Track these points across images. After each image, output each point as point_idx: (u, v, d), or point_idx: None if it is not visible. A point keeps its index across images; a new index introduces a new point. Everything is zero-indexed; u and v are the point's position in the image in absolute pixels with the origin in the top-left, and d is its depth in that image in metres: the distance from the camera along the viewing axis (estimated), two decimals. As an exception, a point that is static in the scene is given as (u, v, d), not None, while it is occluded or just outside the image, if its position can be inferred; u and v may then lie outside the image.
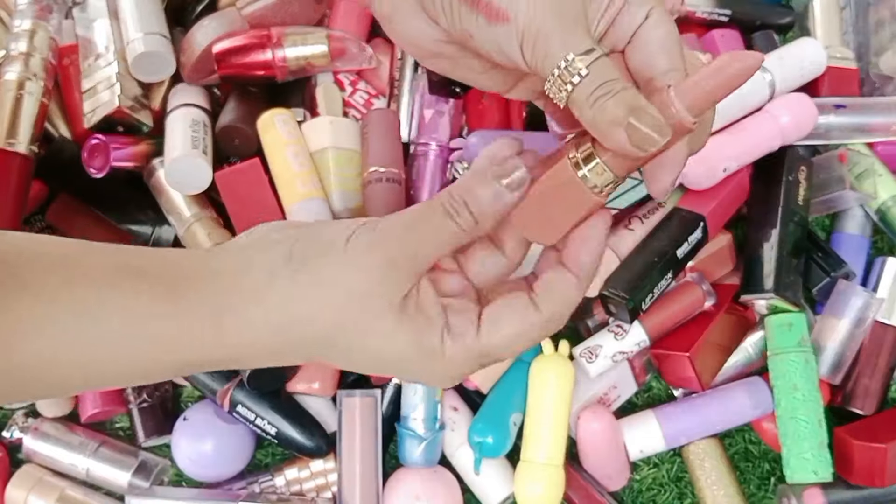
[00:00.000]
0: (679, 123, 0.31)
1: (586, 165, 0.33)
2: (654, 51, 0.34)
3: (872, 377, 0.74)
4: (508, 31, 0.33)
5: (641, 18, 0.34)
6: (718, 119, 0.72)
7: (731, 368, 0.76)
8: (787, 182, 0.74)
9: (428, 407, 0.71)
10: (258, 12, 0.73)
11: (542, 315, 0.34)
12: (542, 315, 0.34)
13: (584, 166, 0.33)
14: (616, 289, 0.68)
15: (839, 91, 0.78)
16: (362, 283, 0.33)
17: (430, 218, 0.34)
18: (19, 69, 0.69)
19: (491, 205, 0.33)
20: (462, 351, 0.34)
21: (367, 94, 0.77)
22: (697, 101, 0.31)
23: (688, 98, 0.31)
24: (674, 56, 0.34)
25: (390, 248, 0.33)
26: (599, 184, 0.33)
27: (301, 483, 0.73)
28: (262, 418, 0.71)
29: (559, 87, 0.32)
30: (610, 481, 0.74)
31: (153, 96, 0.74)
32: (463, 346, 0.34)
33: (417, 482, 0.71)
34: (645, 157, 0.32)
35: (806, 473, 0.70)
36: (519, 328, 0.34)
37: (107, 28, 0.72)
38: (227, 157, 0.74)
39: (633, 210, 0.74)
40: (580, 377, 0.73)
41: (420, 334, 0.34)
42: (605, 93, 0.31)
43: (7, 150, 0.66)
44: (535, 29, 0.32)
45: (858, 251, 0.78)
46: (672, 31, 0.35)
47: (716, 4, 0.79)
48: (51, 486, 0.71)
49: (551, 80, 0.32)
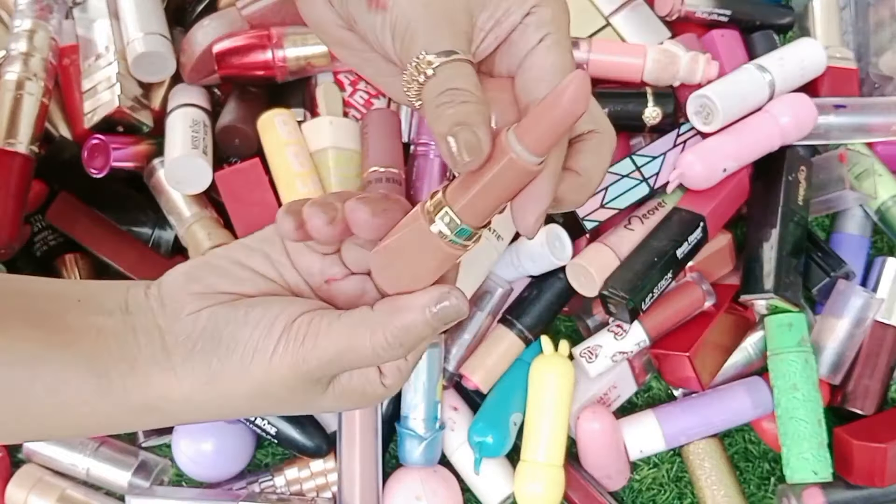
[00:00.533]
0: (521, 165, 0.29)
1: (437, 215, 0.31)
2: (536, 76, 0.33)
3: (872, 377, 0.74)
4: (384, 20, 0.33)
5: (535, 42, 0.33)
6: (720, 118, 0.72)
7: (731, 368, 0.76)
8: (787, 182, 0.74)
9: (428, 407, 0.71)
10: (258, 12, 0.73)
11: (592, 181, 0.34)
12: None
13: (436, 216, 0.31)
14: (616, 289, 0.68)
15: (839, 91, 0.78)
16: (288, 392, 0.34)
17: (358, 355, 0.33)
18: (19, 69, 0.69)
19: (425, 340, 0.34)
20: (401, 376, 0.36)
21: (367, 94, 0.77)
22: (540, 140, 0.28)
23: (529, 138, 0.28)
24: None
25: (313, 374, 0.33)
26: (450, 234, 0.31)
27: (301, 483, 0.73)
28: (262, 418, 0.71)
29: (409, 82, 0.31)
30: (610, 481, 0.74)
31: (153, 96, 0.74)
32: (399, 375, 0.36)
33: (417, 482, 0.71)
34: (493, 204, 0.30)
35: (806, 473, 0.70)
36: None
37: (107, 28, 0.72)
38: (227, 157, 0.74)
39: (633, 210, 0.74)
40: (580, 377, 0.73)
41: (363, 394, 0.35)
42: (448, 101, 0.30)
43: (7, 150, 0.66)
44: (405, 21, 0.32)
45: (858, 251, 0.78)
46: (564, 60, 0.33)
47: (716, 4, 0.79)
48: (51, 486, 0.71)
49: (406, 75, 0.32)
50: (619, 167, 0.73)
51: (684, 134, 0.74)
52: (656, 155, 0.73)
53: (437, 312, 0.32)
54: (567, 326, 0.78)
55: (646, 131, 0.76)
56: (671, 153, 0.73)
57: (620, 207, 0.72)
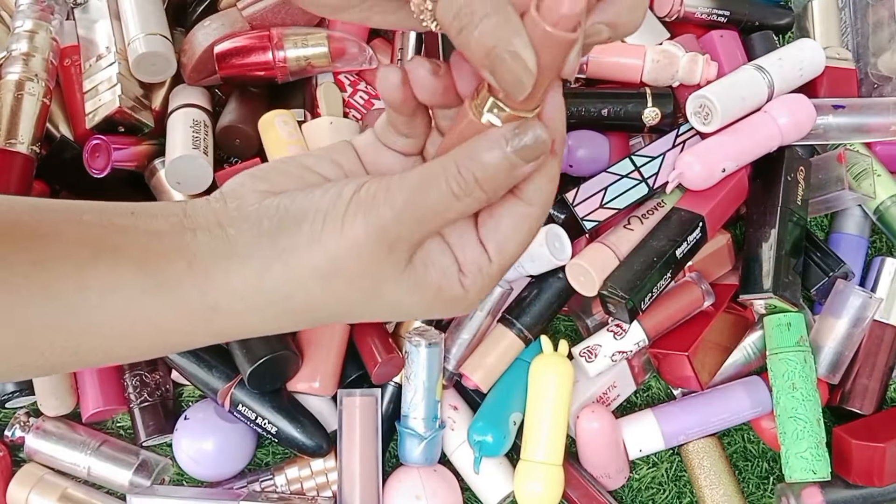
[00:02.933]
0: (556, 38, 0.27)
1: (485, 107, 0.29)
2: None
3: (871, 377, 0.74)
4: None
5: None
6: (719, 119, 0.72)
7: (730, 368, 0.76)
8: (786, 182, 0.74)
9: (428, 406, 0.71)
10: (259, 13, 0.73)
11: (536, 207, 0.32)
12: (536, 207, 0.32)
13: (485, 108, 0.30)
14: (615, 288, 0.68)
15: (838, 91, 0.78)
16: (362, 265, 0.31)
17: (433, 199, 0.30)
18: (20, 69, 0.69)
19: (506, 181, 0.30)
20: (482, 281, 0.33)
21: (368, 95, 0.77)
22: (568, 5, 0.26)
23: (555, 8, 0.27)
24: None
25: (389, 232, 0.30)
26: (500, 123, 0.30)
27: (301, 482, 0.73)
28: (263, 417, 0.71)
29: (420, 9, 0.29)
30: (609, 480, 0.75)
31: (154, 97, 0.74)
32: (481, 279, 0.32)
33: (417, 481, 0.71)
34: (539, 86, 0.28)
35: (804, 472, 0.70)
36: (523, 231, 0.32)
37: (108, 29, 0.72)
38: (227, 157, 0.74)
39: (633, 210, 0.74)
40: (580, 376, 0.74)
41: (439, 290, 0.32)
42: (467, 23, 0.27)
43: (8, 150, 0.67)
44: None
45: (857, 251, 0.78)
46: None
47: (715, 5, 0.79)
48: (52, 485, 0.71)
49: (413, 4, 0.29)
50: (618, 167, 0.73)
51: (683, 134, 0.75)
52: (655, 155, 0.73)
53: (516, 144, 0.29)
54: (566, 326, 0.78)
55: (645, 131, 0.76)
56: (670, 153, 0.74)
57: (620, 207, 0.72)
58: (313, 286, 0.31)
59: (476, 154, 0.30)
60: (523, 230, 0.32)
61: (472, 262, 0.32)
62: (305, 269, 0.31)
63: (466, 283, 0.32)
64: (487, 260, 0.32)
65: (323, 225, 0.30)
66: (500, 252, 0.32)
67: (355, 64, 0.75)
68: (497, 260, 0.32)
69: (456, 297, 0.32)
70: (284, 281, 0.31)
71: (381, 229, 0.30)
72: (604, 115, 0.74)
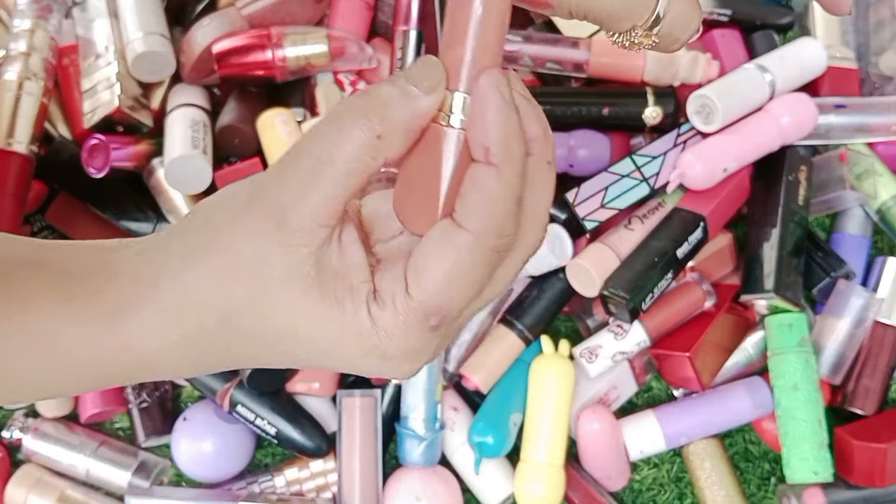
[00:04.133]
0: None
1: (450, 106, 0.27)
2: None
3: (873, 377, 0.74)
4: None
5: None
6: (720, 118, 0.72)
7: (732, 368, 0.76)
8: (788, 182, 0.74)
9: (428, 407, 0.71)
10: (258, 12, 0.73)
11: (470, 231, 0.26)
12: (470, 231, 0.26)
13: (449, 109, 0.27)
14: (616, 289, 0.68)
15: (839, 91, 0.78)
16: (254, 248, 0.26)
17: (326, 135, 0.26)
18: (19, 69, 0.69)
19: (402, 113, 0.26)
20: (395, 319, 0.26)
21: (367, 94, 0.77)
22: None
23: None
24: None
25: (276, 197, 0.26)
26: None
27: (301, 483, 0.73)
28: (262, 418, 0.71)
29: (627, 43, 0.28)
30: (610, 481, 0.74)
31: (153, 96, 0.74)
32: (393, 312, 0.26)
33: (417, 482, 0.71)
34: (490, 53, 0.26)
35: (806, 473, 0.70)
36: (449, 261, 0.26)
37: (107, 28, 0.72)
38: (226, 156, 0.74)
39: (634, 210, 0.74)
40: (580, 377, 0.73)
41: (341, 308, 0.26)
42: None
43: (7, 150, 0.66)
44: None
45: (858, 251, 0.78)
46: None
47: (716, 4, 0.79)
48: (51, 486, 0.71)
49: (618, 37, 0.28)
50: (619, 167, 0.73)
51: (684, 134, 0.74)
52: (656, 155, 0.73)
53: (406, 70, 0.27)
54: (567, 326, 0.78)
55: (646, 131, 0.76)
56: (671, 153, 0.73)
57: (620, 207, 0.72)
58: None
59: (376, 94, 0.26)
60: (448, 259, 0.26)
61: (387, 290, 0.27)
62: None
63: (374, 313, 0.26)
64: (404, 290, 0.26)
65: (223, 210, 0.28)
66: (418, 283, 0.26)
67: (355, 63, 0.75)
68: (416, 294, 0.26)
69: (362, 329, 0.26)
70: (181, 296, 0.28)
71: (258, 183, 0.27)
72: (604, 114, 0.74)
